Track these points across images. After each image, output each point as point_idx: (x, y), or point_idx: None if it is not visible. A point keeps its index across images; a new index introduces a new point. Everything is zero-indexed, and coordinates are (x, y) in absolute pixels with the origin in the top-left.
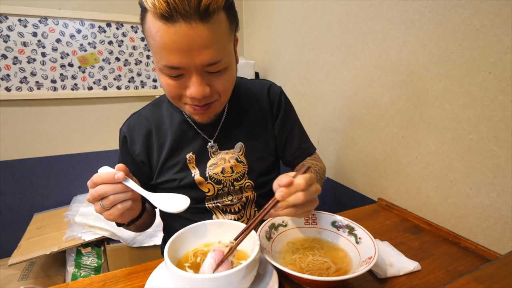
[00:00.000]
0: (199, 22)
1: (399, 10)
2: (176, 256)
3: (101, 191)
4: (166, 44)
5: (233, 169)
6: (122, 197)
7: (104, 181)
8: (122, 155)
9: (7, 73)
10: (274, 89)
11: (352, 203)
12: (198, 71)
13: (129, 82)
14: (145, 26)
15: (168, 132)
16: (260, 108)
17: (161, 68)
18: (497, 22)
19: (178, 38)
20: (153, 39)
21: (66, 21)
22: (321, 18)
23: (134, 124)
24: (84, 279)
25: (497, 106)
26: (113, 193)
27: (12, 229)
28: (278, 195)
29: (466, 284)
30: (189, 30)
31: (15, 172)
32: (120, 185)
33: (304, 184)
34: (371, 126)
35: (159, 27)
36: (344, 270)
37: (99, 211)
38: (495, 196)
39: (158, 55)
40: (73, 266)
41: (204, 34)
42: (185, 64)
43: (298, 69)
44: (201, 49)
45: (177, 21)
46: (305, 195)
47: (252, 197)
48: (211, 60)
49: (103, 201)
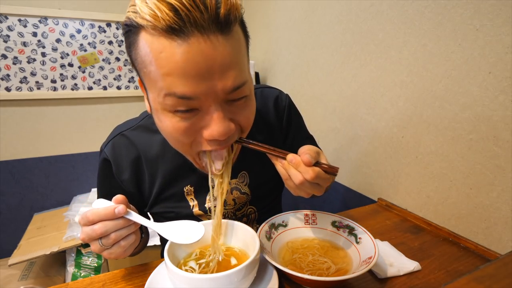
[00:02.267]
0: (219, 34)
1: (399, 10)
2: (176, 256)
3: (100, 231)
4: (176, 68)
5: (236, 201)
6: (125, 232)
7: (102, 218)
8: (105, 182)
9: (7, 73)
10: (281, 101)
11: (352, 203)
12: (219, 101)
13: (129, 82)
14: (136, 52)
15: (160, 163)
16: (266, 126)
17: (166, 104)
18: (497, 22)
19: (193, 57)
20: (154, 64)
21: (66, 21)
22: (321, 18)
23: (120, 147)
24: (84, 279)
25: (497, 106)
26: (114, 230)
27: (12, 229)
28: (289, 157)
29: (466, 284)
30: (207, 46)
31: (15, 172)
32: (122, 221)
33: (310, 177)
34: (371, 126)
35: (164, 46)
36: (344, 270)
37: (98, 251)
38: (495, 196)
39: (161, 84)
40: (73, 266)
41: (226, 50)
42: (202, 93)
43: (298, 69)
44: (223, 71)
45: (191, 34)
46: (301, 182)
47: (253, 217)
48: (235, 84)
49: (103, 240)
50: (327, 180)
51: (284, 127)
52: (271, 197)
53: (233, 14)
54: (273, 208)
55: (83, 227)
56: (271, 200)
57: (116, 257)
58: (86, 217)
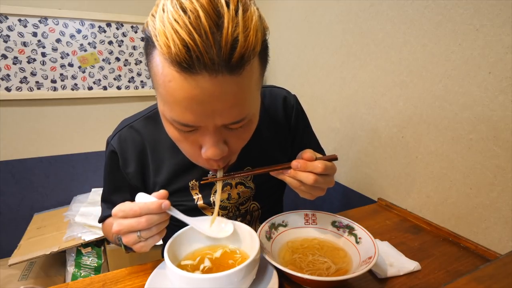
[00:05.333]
0: (227, 75)
1: (399, 10)
2: (176, 256)
3: (146, 223)
4: (181, 100)
5: (240, 194)
6: (163, 225)
7: (151, 211)
8: (111, 174)
9: (7, 73)
10: (289, 102)
11: (352, 203)
12: (217, 128)
13: (129, 82)
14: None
15: (166, 155)
16: (273, 124)
17: (169, 120)
18: (497, 22)
19: (198, 94)
20: (164, 88)
21: (66, 21)
22: (321, 18)
23: (126, 140)
24: (84, 279)
25: (497, 106)
26: (158, 223)
27: (12, 229)
28: (294, 163)
29: (466, 284)
30: (213, 86)
31: (15, 172)
32: (165, 214)
33: (320, 169)
34: (371, 126)
35: (173, 76)
36: (344, 270)
37: (131, 243)
38: (495, 196)
39: (167, 105)
40: (73, 266)
41: (232, 90)
42: (202, 124)
43: (298, 69)
44: (225, 109)
45: (199, 73)
46: (315, 180)
47: (256, 214)
48: (235, 119)
49: (144, 233)
50: (333, 168)
51: (293, 127)
52: (274, 196)
53: (247, 55)
54: (275, 207)
55: (119, 219)
56: (274, 199)
57: (145, 250)
58: (131, 210)
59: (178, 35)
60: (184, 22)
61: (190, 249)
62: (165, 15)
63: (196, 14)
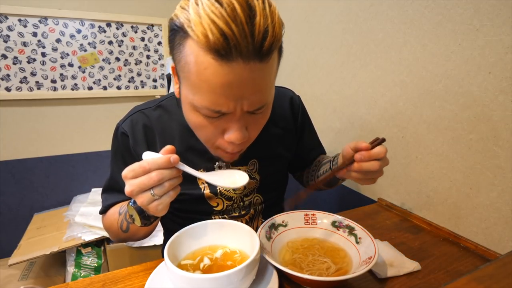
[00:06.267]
0: (258, 62)
1: (399, 10)
2: (176, 256)
3: (157, 178)
4: (215, 86)
5: (245, 185)
6: (176, 182)
7: (160, 166)
8: (119, 155)
9: (7, 73)
10: (295, 102)
11: (352, 203)
12: (241, 113)
13: (129, 82)
14: (180, 53)
15: (175, 143)
16: (284, 123)
17: (198, 108)
18: (497, 22)
19: (231, 79)
20: (198, 76)
21: (66, 21)
22: (321, 18)
23: (137, 123)
24: (84, 279)
25: (497, 106)
26: (169, 178)
27: (12, 229)
28: (357, 156)
29: (466, 284)
30: (246, 72)
31: (15, 172)
32: (175, 169)
33: (384, 153)
34: (371, 126)
35: (209, 63)
36: (344, 270)
37: (146, 203)
38: (495, 196)
39: (199, 94)
40: (73, 266)
41: (260, 76)
42: (231, 109)
43: (298, 69)
44: (252, 93)
45: (234, 60)
46: (380, 165)
47: (260, 208)
48: (259, 105)
49: (156, 189)
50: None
51: (299, 127)
52: (276, 192)
53: (274, 45)
54: (277, 205)
55: (130, 180)
56: (276, 195)
57: (163, 209)
58: (140, 167)
59: (216, 25)
60: (221, 13)
61: (190, 249)
62: (200, 7)
63: (232, 6)
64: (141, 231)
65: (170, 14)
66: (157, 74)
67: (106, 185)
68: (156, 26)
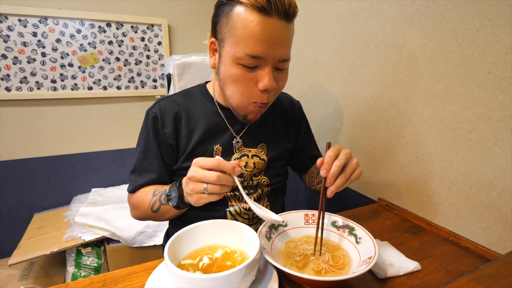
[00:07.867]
0: (285, 21)
1: (399, 10)
2: (176, 256)
3: (215, 178)
4: (258, 34)
5: (255, 165)
6: (226, 189)
7: (225, 169)
8: (150, 137)
9: (7, 73)
10: (296, 105)
11: (352, 203)
12: (272, 64)
13: (129, 82)
14: (227, 19)
15: (200, 121)
16: (285, 118)
17: (241, 57)
18: (497, 22)
19: (270, 29)
20: (244, 29)
21: (66, 21)
22: (321, 18)
23: (165, 107)
24: (84, 279)
25: (497, 106)
26: (225, 183)
27: (12, 229)
28: (322, 172)
29: (466, 284)
30: (279, 26)
31: (15, 172)
32: (232, 180)
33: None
34: (371, 126)
35: (255, 18)
36: (344, 270)
37: (197, 191)
38: (495, 196)
39: (243, 44)
40: (73, 266)
41: (287, 32)
42: (266, 55)
43: (298, 69)
44: (282, 44)
45: (272, 16)
46: (340, 160)
47: (266, 191)
48: (285, 56)
49: (210, 186)
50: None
51: (297, 126)
52: (280, 178)
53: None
54: (281, 192)
55: (197, 167)
56: (279, 181)
57: (201, 202)
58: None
59: None
60: None
61: (190, 249)
62: None
63: None
64: (168, 213)
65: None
66: (157, 74)
67: (135, 166)
68: (156, 26)
